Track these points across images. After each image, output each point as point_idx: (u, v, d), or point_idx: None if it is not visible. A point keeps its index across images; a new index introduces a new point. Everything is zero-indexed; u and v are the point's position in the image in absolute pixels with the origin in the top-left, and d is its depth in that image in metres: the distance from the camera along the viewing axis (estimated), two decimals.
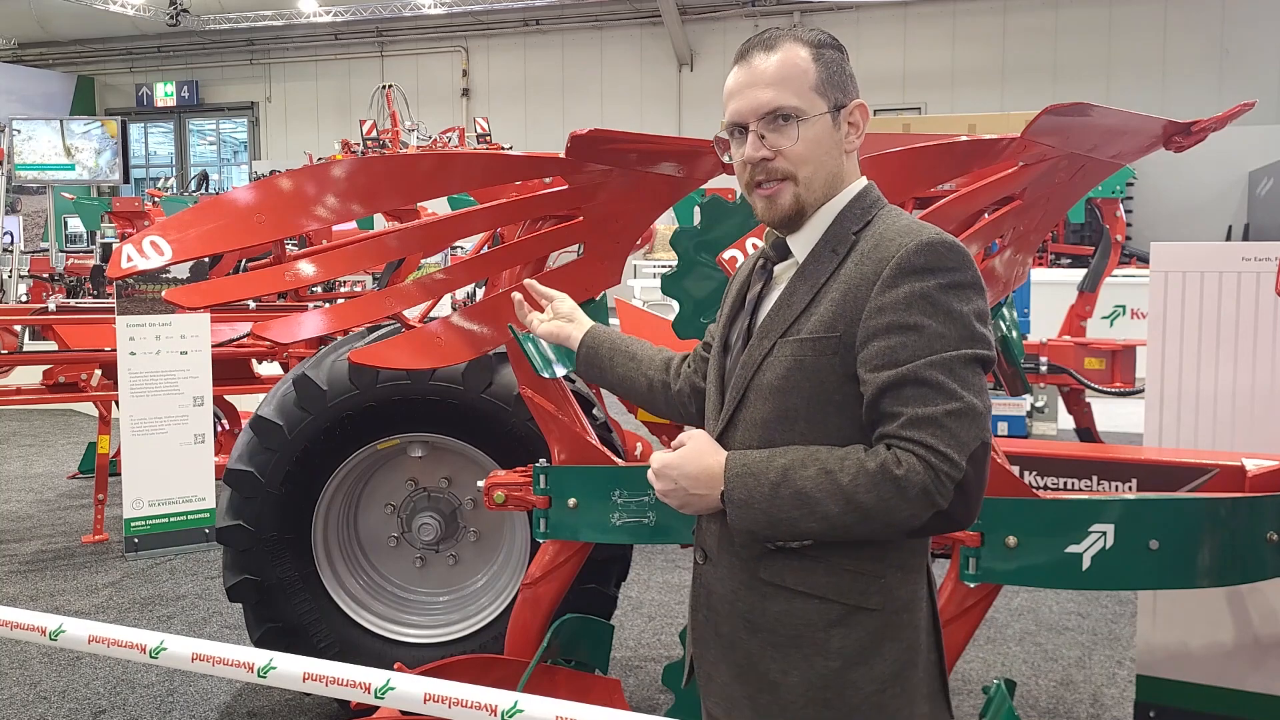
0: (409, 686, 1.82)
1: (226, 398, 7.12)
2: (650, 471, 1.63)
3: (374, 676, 1.85)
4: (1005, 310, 3.42)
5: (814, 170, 1.63)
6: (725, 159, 1.73)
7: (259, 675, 1.87)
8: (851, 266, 1.58)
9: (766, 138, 1.62)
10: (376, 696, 1.82)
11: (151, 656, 1.92)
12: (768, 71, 1.61)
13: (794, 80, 1.61)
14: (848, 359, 1.55)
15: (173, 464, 5.72)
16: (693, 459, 1.59)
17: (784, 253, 1.69)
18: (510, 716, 1.71)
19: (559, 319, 2.11)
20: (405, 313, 3.93)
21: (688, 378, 1.96)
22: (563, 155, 2.63)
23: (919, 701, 1.63)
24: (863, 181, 1.69)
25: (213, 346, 5.89)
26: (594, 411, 3.55)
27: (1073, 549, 2.43)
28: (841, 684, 1.58)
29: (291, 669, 1.89)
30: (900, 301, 1.51)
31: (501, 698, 1.73)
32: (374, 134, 18.21)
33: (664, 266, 14.00)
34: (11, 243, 11.44)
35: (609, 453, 2.96)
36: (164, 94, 29.36)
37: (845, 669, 1.58)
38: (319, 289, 8.93)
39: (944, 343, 1.49)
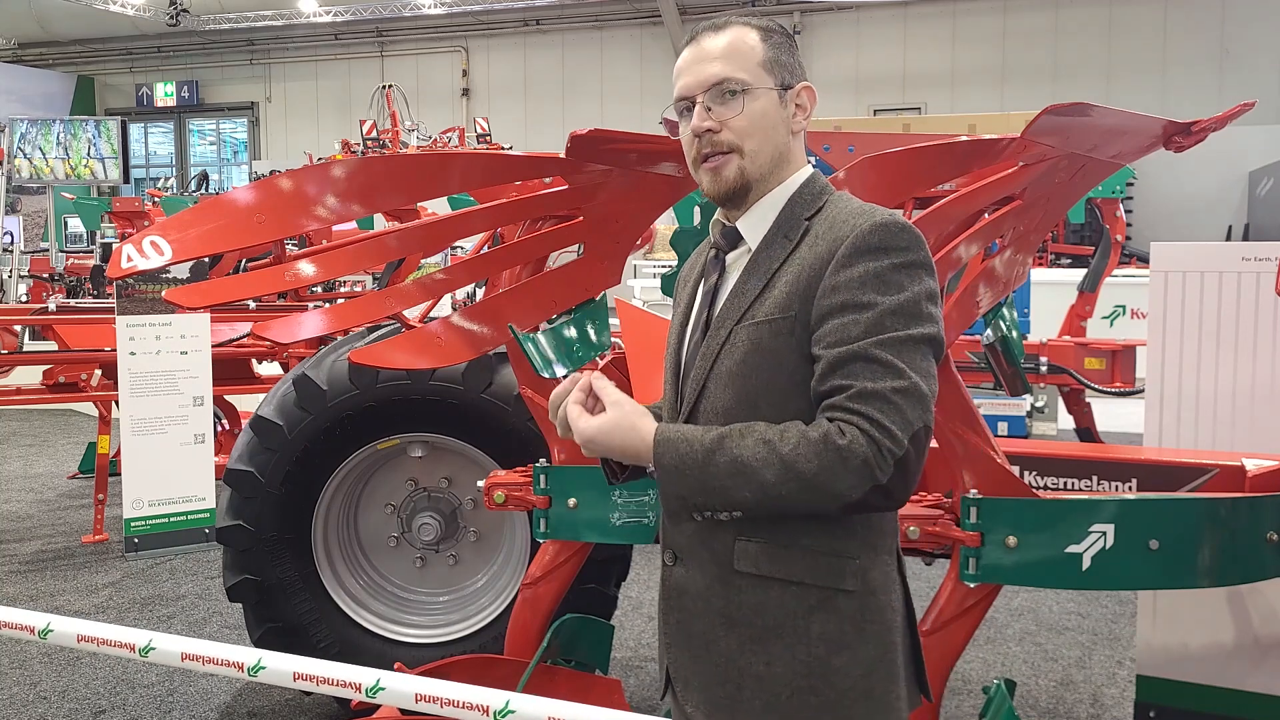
0: (400, 686, 1.81)
1: (226, 398, 7.13)
2: (576, 436, 1.61)
3: (365, 676, 1.84)
4: (1005, 310, 3.41)
5: (759, 144, 1.63)
6: (675, 137, 1.73)
7: (249, 674, 1.86)
8: (805, 249, 1.59)
9: (713, 109, 1.63)
10: (368, 696, 1.81)
11: (141, 655, 1.92)
12: (715, 48, 1.64)
13: (741, 56, 1.63)
14: (804, 338, 1.56)
15: (173, 464, 5.72)
16: (613, 427, 1.58)
17: (734, 241, 1.69)
18: (502, 716, 1.70)
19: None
20: (405, 313, 3.93)
21: None
22: (563, 155, 2.63)
23: (901, 684, 1.64)
24: (809, 169, 1.70)
25: (213, 346, 5.89)
26: None
27: (1073, 549, 2.43)
28: (827, 670, 1.58)
29: (281, 667, 1.89)
30: (854, 280, 1.52)
31: (493, 697, 1.73)
32: (374, 134, 18.21)
33: (664, 266, 14.00)
34: (11, 243, 11.44)
35: None
36: (164, 94, 29.35)
37: (829, 655, 1.58)
38: (319, 289, 8.93)
39: (895, 320, 1.50)
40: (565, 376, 3.00)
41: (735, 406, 1.60)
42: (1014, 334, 3.47)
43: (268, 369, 7.47)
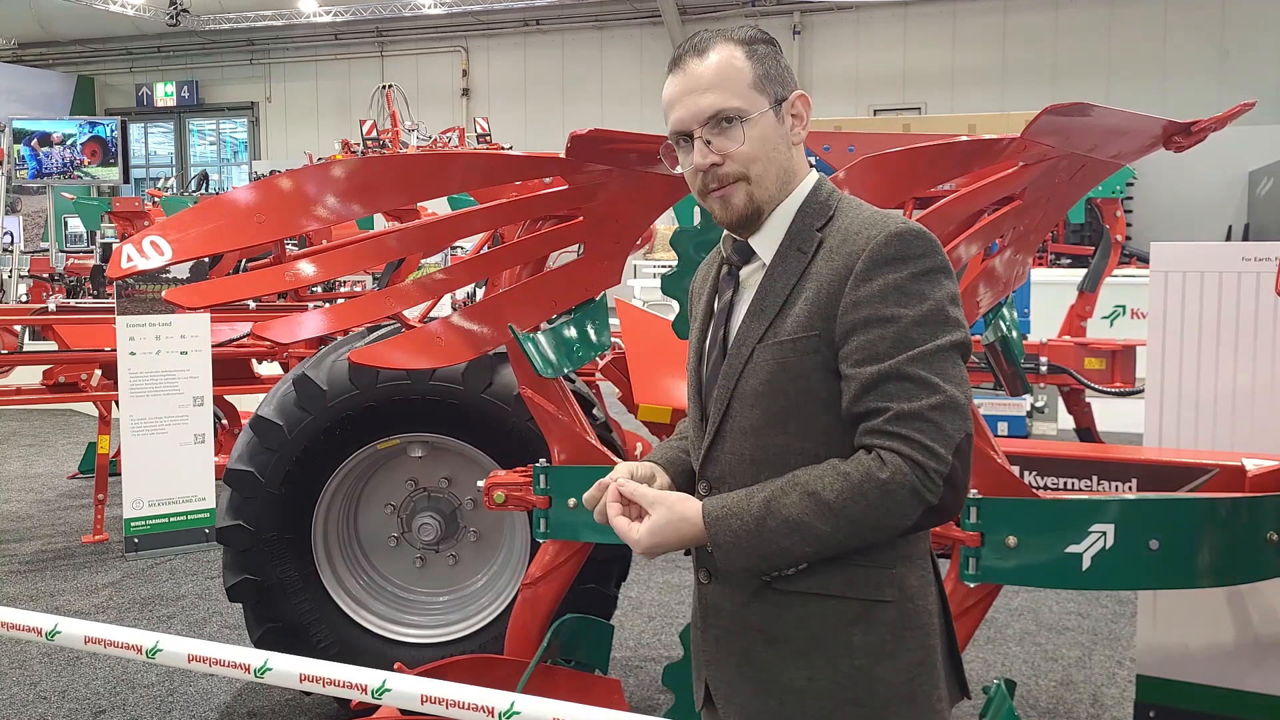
0: (406, 687, 1.82)
1: (226, 398, 7.13)
2: (634, 548, 1.59)
3: (370, 677, 1.85)
4: (1005, 310, 3.41)
5: (764, 168, 1.61)
6: (675, 170, 1.69)
7: (255, 675, 1.86)
8: (822, 263, 1.57)
9: (713, 143, 1.59)
10: (373, 696, 1.82)
11: (148, 657, 1.92)
12: (705, 75, 1.59)
13: (732, 81, 1.58)
14: (829, 356, 1.55)
15: (173, 464, 5.71)
16: (666, 529, 1.56)
17: (747, 256, 1.67)
18: (507, 717, 1.71)
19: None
20: (405, 313, 3.93)
21: None
22: (563, 155, 2.63)
23: (941, 685, 1.65)
24: (814, 175, 1.68)
25: (213, 346, 5.89)
26: (594, 411, 3.55)
27: (1073, 549, 2.43)
28: (871, 680, 1.58)
29: (288, 669, 1.89)
30: (875, 294, 1.51)
31: (498, 698, 1.73)
32: (374, 134, 18.21)
33: (664, 266, 14.00)
34: (11, 243, 11.45)
35: (609, 452, 2.96)
36: (164, 94, 29.35)
37: (871, 665, 1.58)
38: (319, 289, 8.93)
39: (922, 332, 1.50)
40: (565, 377, 3.02)
41: (763, 426, 1.60)
42: (1014, 334, 3.48)
43: (268, 369, 7.47)
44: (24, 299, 11.30)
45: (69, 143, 10.58)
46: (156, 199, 11.21)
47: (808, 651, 1.59)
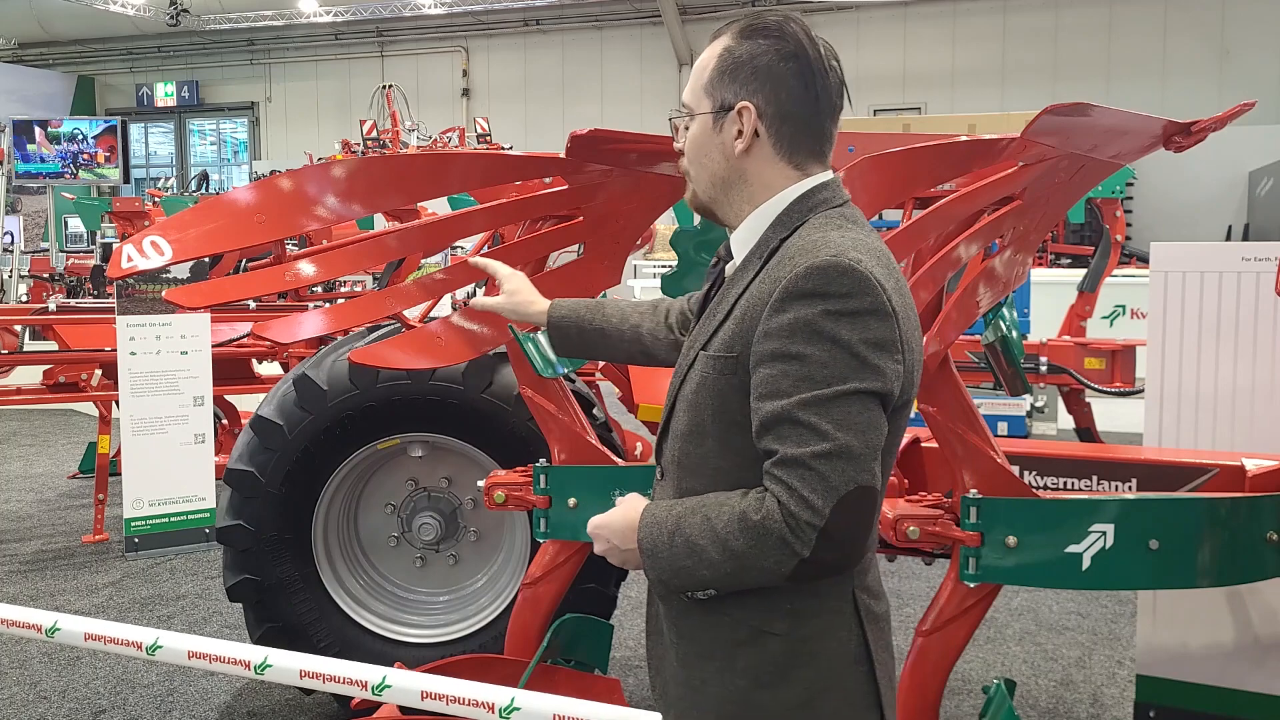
0: (406, 683, 1.82)
1: (226, 398, 7.13)
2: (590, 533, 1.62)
3: (370, 673, 1.85)
4: (1005, 310, 3.41)
5: (697, 170, 1.62)
6: None
7: (255, 672, 1.87)
8: (758, 282, 1.52)
9: (679, 131, 1.65)
10: (374, 693, 1.82)
11: (148, 654, 1.93)
12: (696, 63, 1.62)
13: (696, 75, 1.60)
14: (745, 380, 1.50)
15: (173, 464, 5.71)
16: (618, 516, 1.57)
17: (731, 253, 1.65)
18: (508, 713, 1.71)
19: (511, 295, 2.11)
20: (405, 313, 3.93)
21: (682, 310, 1.97)
22: (563, 155, 2.63)
23: None
24: (806, 183, 1.57)
25: (213, 346, 5.89)
26: (594, 411, 3.55)
27: (1073, 549, 2.43)
28: (748, 704, 1.55)
29: (288, 665, 1.89)
30: (784, 328, 1.44)
31: (499, 694, 1.74)
32: (374, 134, 18.22)
33: (664, 266, 14.00)
34: (11, 243, 11.47)
35: (609, 452, 2.96)
36: (164, 94, 29.36)
37: (751, 690, 1.54)
38: (319, 289, 8.93)
39: (826, 374, 1.41)
40: (565, 377, 3.02)
41: (688, 432, 1.59)
42: (1014, 334, 3.47)
43: (268, 369, 7.47)
44: (24, 299, 11.31)
45: (78, 137, 10.58)
46: (156, 199, 11.23)
47: (703, 656, 1.58)
